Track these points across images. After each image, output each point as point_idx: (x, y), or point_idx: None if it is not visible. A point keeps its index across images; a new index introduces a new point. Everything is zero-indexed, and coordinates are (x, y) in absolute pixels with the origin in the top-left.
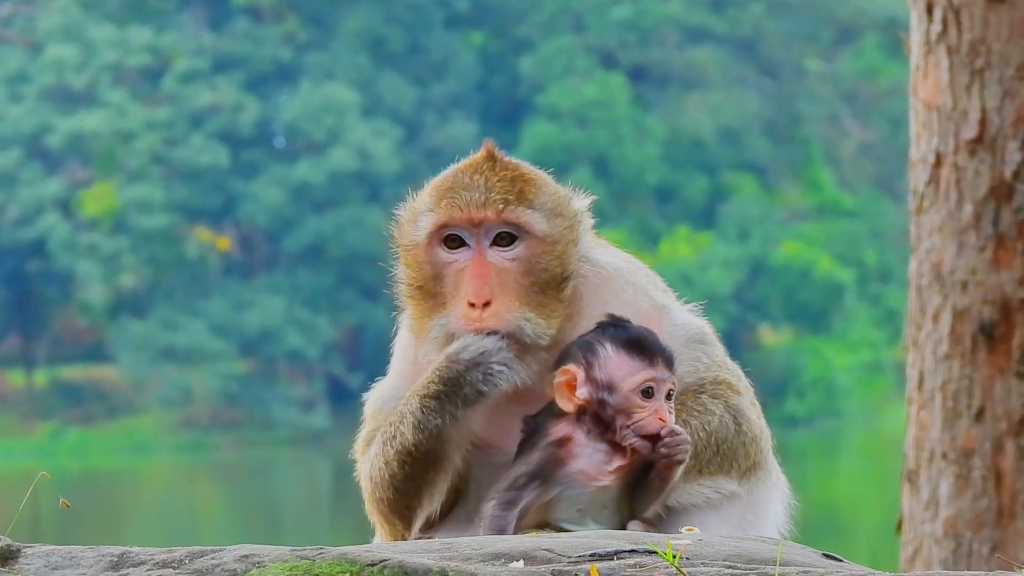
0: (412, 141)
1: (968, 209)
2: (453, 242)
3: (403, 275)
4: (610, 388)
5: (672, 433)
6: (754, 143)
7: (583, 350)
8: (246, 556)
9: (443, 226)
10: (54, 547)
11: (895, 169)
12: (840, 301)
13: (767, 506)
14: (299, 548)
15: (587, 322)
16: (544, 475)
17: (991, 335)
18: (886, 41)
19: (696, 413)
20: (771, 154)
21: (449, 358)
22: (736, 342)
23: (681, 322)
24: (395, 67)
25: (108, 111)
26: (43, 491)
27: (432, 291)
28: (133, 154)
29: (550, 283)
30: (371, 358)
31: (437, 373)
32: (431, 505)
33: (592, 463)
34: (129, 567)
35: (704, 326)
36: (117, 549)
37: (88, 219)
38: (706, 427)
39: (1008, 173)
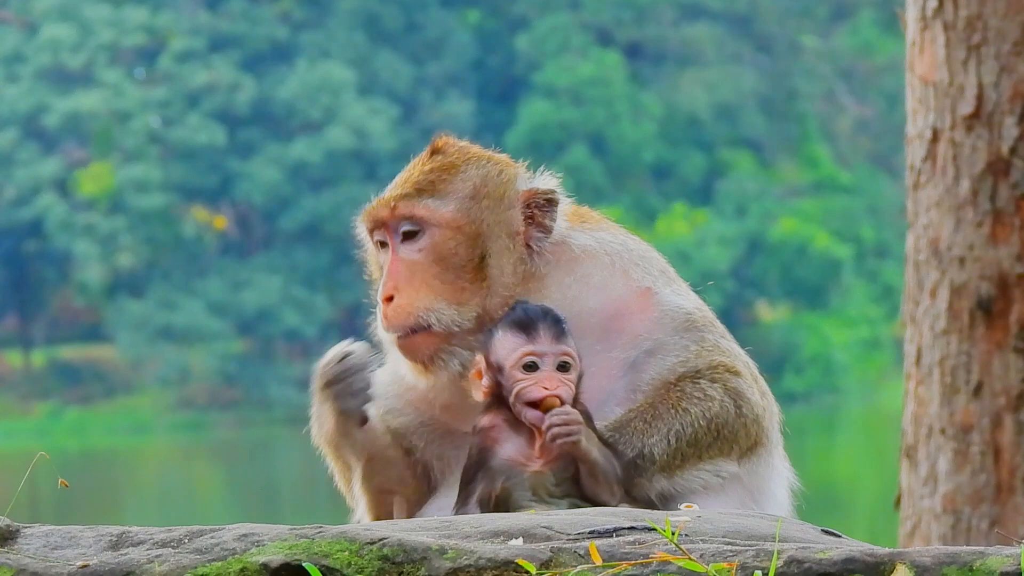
0: (408, 119)
1: (965, 185)
2: (379, 242)
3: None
4: (500, 370)
5: (560, 412)
6: (750, 120)
7: (484, 339)
8: (245, 535)
9: (372, 229)
10: (53, 527)
11: (891, 145)
12: (837, 277)
13: (768, 484)
14: (298, 527)
15: (553, 307)
16: (481, 466)
17: (989, 310)
18: (882, 17)
19: (696, 400)
20: (767, 131)
21: (315, 369)
22: (734, 319)
23: (669, 307)
24: (391, 45)
25: (104, 91)
26: (41, 471)
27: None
28: (130, 134)
29: (465, 266)
30: (368, 337)
31: (313, 383)
32: (361, 504)
33: (516, 448)
34: (129, 546)
35: (693, 310)
36: (116, 529)
37: (85, 199)
38: (706, 413)
39: (1005, 149)
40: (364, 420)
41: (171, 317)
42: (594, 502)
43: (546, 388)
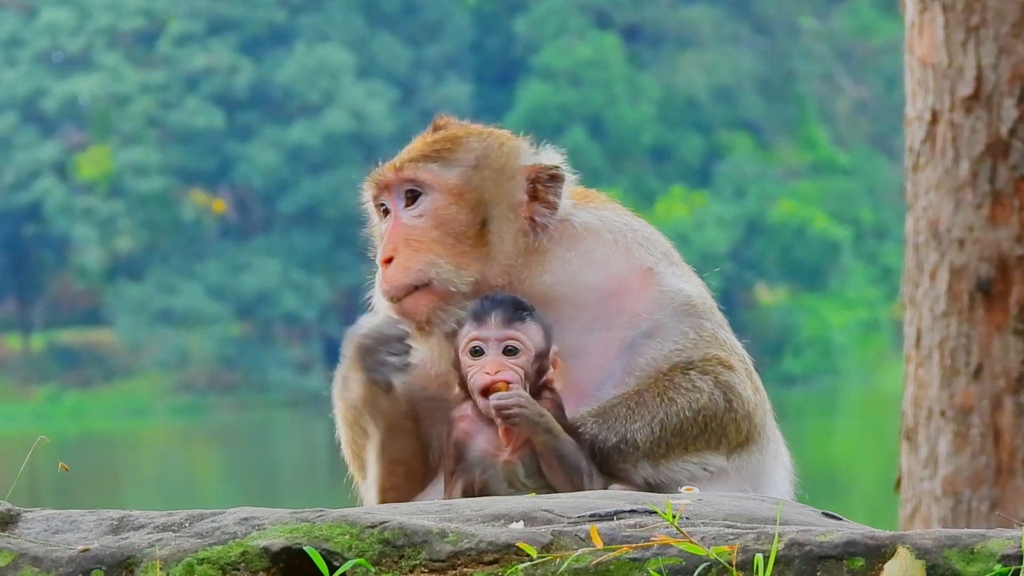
0: (407, 102)
1: (964, 166)
2: (383, 209)
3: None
4: (457, 359)
5: (502, 396)
6: (749, 102)
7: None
8: (246, 519)
9: (375, 196)
10: (54, 511)
11: (890, 126)
12: (836, 259)
13: (760, 480)
14: (299, 510)
15: (555, 283)
16: (458, 459)
17: (988, 292)
18: None
19: (683, 391)
20: (766, 112)
21: (349, 336)
22: (733, 301)
23: (669, 289)
24: (389, 28)
25: (103, 74)
26: (41, 455)
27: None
28: (128, 117)
29: (465, 232)
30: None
31: (344, 349)
32: (373, 471)
33: (487, 439)
34: (130, 530)
35: (694, 295)
36: (117, 512)
37: (84, 183)
38: (693, 404)
39: (1004, 130)
40: (391, 387)
41: (170, 300)
42: (555, 488)
43: (487, 373)
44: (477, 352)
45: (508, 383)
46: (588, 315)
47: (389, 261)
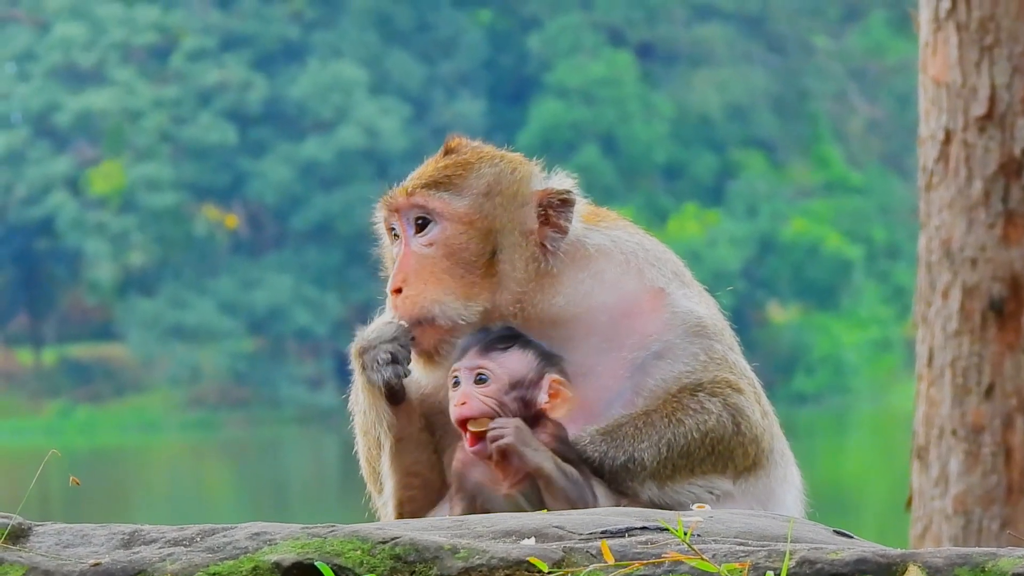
0: (420, 119)
1: (977, 186)
2: (393, 233)
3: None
4: None
5: (479, 426)
6: (762, 120)
7: None
8: (257, 534)
9: (385, 218)
10: (65, 525)
11: (903, 146)
12: (848, 278)
13: (768, 504)
14: (310, 526)
15: (567, 304)
16: (459, 489)
17: (1000, 312)
18: (893, 17)
19: (692, 412)
20: (779, 131)
21: (355, 341)
22: (745, 319)
23: (680, 310)
24: (403, 45)
25: (116, 89)
26: (52, 469)
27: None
28: (141, 132)
29: (475, 261)
30: None
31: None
32: (389, 484)
33: (483, 472)
34: (141, 545)
35: (705, 316)
36: (128, 527)
37: (96, 197)
38: (701, 427)
39: (1017, 150)
40: (398, 397)
41: (182, 316)
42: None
43: (455, 405)
44: (456, 383)
45: (482, 416)
46: (599, 336)
47: (398, 291)
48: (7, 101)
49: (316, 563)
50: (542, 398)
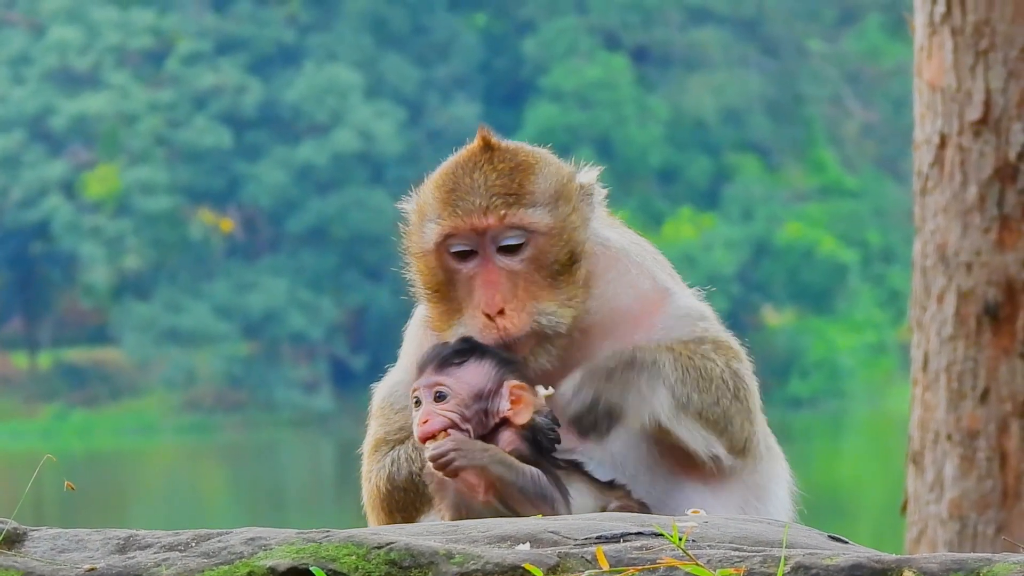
0: (415, 122)
1: (973, 190)
2: (462, 250)
3: (417, 278)
4: None
5: (435, 447)
6: (757, 124)
7: None
8: (252, 539)
9: (449, 236)
10: (60, 530)
11: (898, 150)
12: (844, 282)
13: (758, 495)
14: (305, 531)
15: (594, 301)
16: (441, 499)
17: (996, 316)
18: (889, 21)
19: (699, 356)
20: (774, 135)
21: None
22: (740, 323)
23: (683, 305)
24: (398, 48)
25: (111, 93)
26: (47, 473)
27: (447, 295)
28: (136, 136)
29: (562, 271)
30: (375, 339)
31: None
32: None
33: (459, 482)
34: (136, 550)
35: (706, 311)
36: (124, 532)
37: (91, 201)
38: (708, 370)
39: (1012, 154)
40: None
41: (177, 319)
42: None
43: (418, 424)
44: (418, 402)
45: (442, 431)
46: (613, 337)
47: (500, 312)
48: (3, 104)
49: (311, 568)
50: (504, 406)
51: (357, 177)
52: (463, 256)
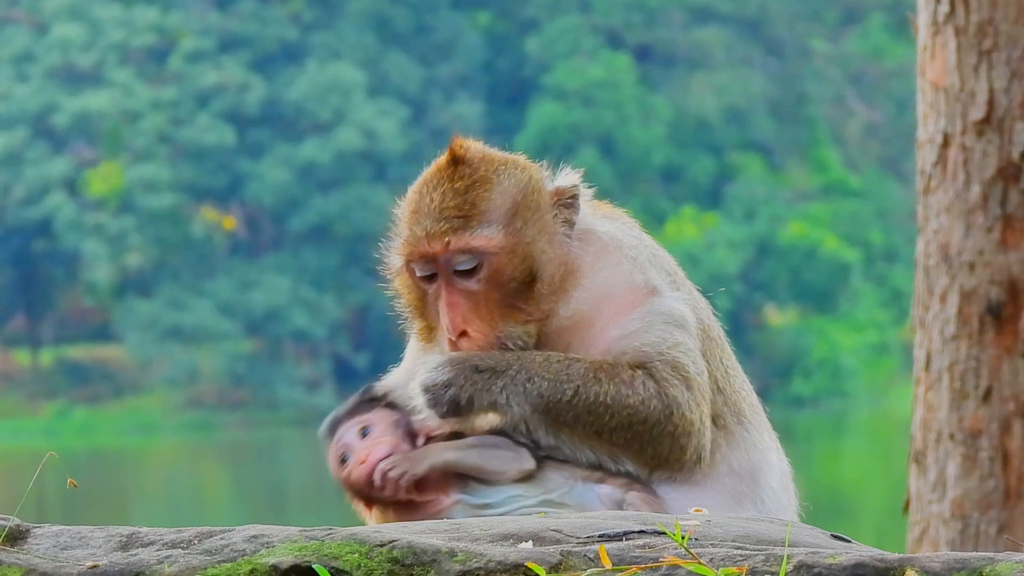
0: (418, 121)
1: (976, 190)
2: (424, 274)
3: (397, 294)
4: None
5: (378, 475)
6: (760, 123)
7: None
8: (255, 536)
9: (408, 259)
10: (63, 527)
11: (901, 149)
12: (846, 281)
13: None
14: (308, 528)
15: (584, 294)
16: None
17: (999, 316)
18: (892, 21)
19: (617, 381)
20: (777, 134)
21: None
22: (742, 323)
23: (666, 306)
24: (401, 47)
25: (114, 91)
26: (49, 471)
27: (422, 312)
28: (139, 134)
29: (522, 288)
30: (377, 338)
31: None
32: None
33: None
34: (138, 547)
35: (685, 313)
36: (126, 529)
37: (94, 199)
38: (619, 399)
39: (1016, 154)
40: None
41: (179, 317)
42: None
43: (361, 463)
44: (344, 460)
45: (387, 456)
46: (595, 327)
47: (463, 334)
48: (5, 102)
49: (314, 566)
50: (424, 422)
51: (360, 175)
52: (427, 278)
